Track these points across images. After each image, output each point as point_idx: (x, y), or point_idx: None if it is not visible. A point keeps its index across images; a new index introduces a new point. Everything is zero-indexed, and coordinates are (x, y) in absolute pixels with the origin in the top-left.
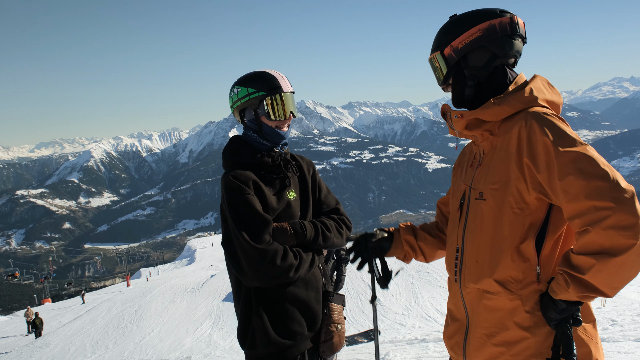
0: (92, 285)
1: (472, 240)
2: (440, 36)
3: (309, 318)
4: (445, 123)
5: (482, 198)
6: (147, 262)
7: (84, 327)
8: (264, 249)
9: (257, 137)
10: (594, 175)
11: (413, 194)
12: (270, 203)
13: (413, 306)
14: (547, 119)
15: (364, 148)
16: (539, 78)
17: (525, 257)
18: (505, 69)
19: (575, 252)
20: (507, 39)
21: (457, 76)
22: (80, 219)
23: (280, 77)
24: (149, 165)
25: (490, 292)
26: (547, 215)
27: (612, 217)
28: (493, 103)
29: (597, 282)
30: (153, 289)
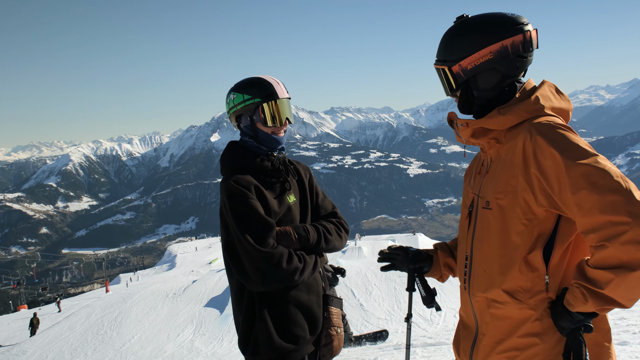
0: (70, 291)
1: (480, 249)
2: (447, 47)
3: (311, 322)
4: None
5: (489, 207)
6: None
7: (62, 334)
8: (270, 253)
9: (253, 143)
10: (608, 189)
11: (394, 199)
12: (272, 207)
13: (396, 311)
14: (552, 130)
15: (346, 153)
16: (547, 84)
17: (533, 267)
18: (514, 84)
19: (592, 266)
20: (519, 59)
21: (465, 92)
22: (58, 223)
23: (276, 83)
24: (129, 170)
25: (499, 301)
26: (556, 225)
27: (630, 232)
28: (498, 112)
29: (616, 296)
30: (133, 295)
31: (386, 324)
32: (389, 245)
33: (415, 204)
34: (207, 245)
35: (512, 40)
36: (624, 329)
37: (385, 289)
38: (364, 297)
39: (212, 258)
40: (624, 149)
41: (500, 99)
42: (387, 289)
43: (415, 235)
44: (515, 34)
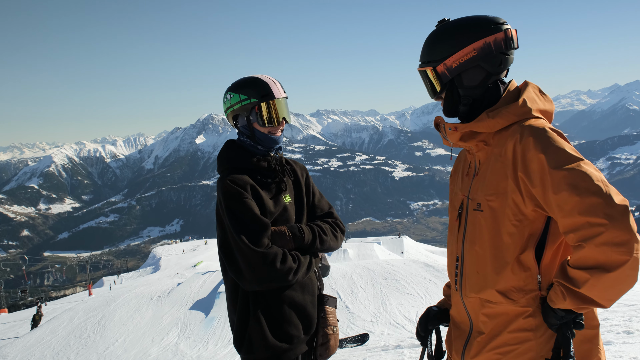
0: (52, 294)
1: (471, 250)
2: (431, 49)
3: (305, 321)
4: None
5: (480, 209)
6: (110, 271)
7: (44, 338)
8: (264, 253)
9: (251, 142)
10: (587, 191)
11: (380, 202)
12: (268, 207)
13: (381, 313)
14: (541, 133)
15: (332, 156)
16: (531, 86)
17: (526, 266)
18: (498, 83)
19: (571, 266)
20: (501, 56)
21: (451, 92)
22: (39, 226)
23: (273, 83)
24: (112, 171)
25: (492, 301)
26: (547, 225)
27: (606, 233)
28: (487, 116)
29: (593, 295)
30: (117, 298)
31: (372, 326)
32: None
33: (401, 206)
34: (192, 248)
35: (494, 38)
36: (607, 329)
37: (371, 292)
38: (350, 300)
39: (197, 261)
40: (605, 153)
41: (486, 97)
42: (372, 291)
43: (400, 238)
44: (497, 31)
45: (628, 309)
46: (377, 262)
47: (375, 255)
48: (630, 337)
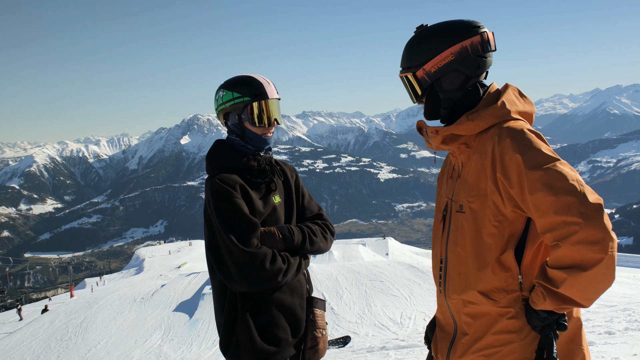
0: (32, 296)
1: (454, 252)
2: (410, 55)
3: (293, 324)
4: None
5: (462, 211)
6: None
7: (24, 341)
8: (253, 253)
9: (240, 142)
10: (563, 191)
11: (365, 203)
12: (257, 207)
13: (366, 314)
14: (519, 134)
15: (317, 157)
16: (511, 88)
17: (506, 267)
18: (477, 86)
19: (549, 266)
20: (479, 59)
21: (431, 96)
22: (20, 226)
23: (267, 82)
24: (96, 172)
25: (474, 302)
26: (527, 226)
27: (580, 232)
28: (467, 119)
29: (572, 295)
30: (100, 300)
31: (357, 328)
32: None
33: (386, 208)
34: (176, 249)
35: (470, 41)
36: (589, 329)
37: (356, 293)
38: (335, 301)
39: (181, 262)
40: (586, 156)
41: (466, 100)
42: (357, 293)
43: (385, 240)
44: (473, 35)
45: (609, 310)
46: (362, 264)
47: (360, 256)
48: (612, 338)
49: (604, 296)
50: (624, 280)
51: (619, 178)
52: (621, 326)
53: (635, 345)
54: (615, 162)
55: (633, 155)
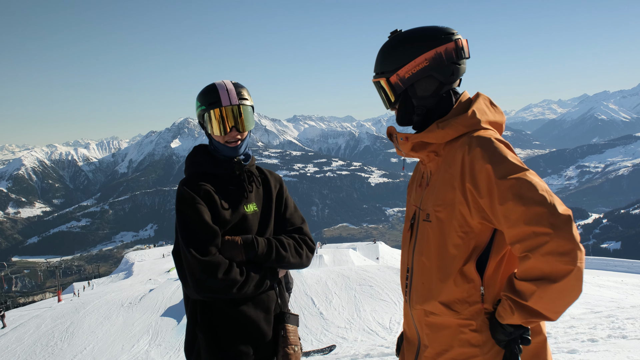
0: (20, 300)
1: (419, 261)
2: (384, 60)
3: (256, 338)
4: (392, 143)
5: (429, 220)
6: (81, 276)
7: (9, 346)
8: (206, 261)
9: (213, 148)
10: (533, 201)
11: (356, 207)
12: (222, 215)
13: (355, 320)
14: (488, 144)
15: (308, 161)
16: (482, 98)
17: (469, 278)
18: (451, 93)
19: (518, 278)
20: (453, 66)
21: (405, 102)
22: (7, 230)
23: (224, 89)
24: (85, 175)
25: (435, 312)
26: (492, 238)
27: (550, 243)
28: (437, 127)
29: (540, 308)
30: (87, 304)
31: (346, 333)
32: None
33: (376, 212)
34: (167, 253)
35: (445, 48)
36: (573, 337)
37: (345, 298)
38: (324, 306)
39: (170, 266)
40: (575, 161)
41: (439, 107)
42: (347, 298)
43: (376, 244)
44: (447, 41)
45: (594, 316)
46: (352, 268)
47: (351, 261)
48: (595, 345)
49: (591, 300)
50: (612, 284)
51: (606, 183)
52: (604, 333)
53: (617, 353)
54: (603, 167)
55: (620, 161)
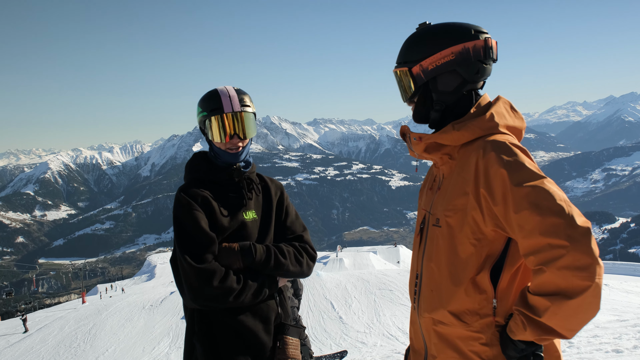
0: (46, 301)
1: (428, 267)
2: (409, 49)
3: (254, 349)
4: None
5: (438, 225)
6: (105, 278)
7: (34, 347)
8: (201, 269)
9: (213, 155)
10: (550, 211)
11: (376, 211)
12: (220, 222)
13: (375, 324)
14: (505, 149)
15: (329, 165)
16: (502, 101)
17: (481, 289)
18: (472, 94)
19: (531, 292)
20: (479, 64)
21: (424, 96)
22: (34, 232)
23: (226, 96)
24: (109, 178)
25: (444, 322)
26: (506, 247)
27: (567, 256)
28: (452, 128)
29: (554, 325)
30: (109, 306)
31: (365, 337)
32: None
33: (397, 215)
34: None
35: (473, 44)
36: (596, 347)
37: (365, 302)
38: (344, 310)
39: None
40: (601, 164)
41: (459, 106)
42: (366, 302)
43: (396, 247)
44: (477, 38)
45: (620, 325)
46: (372, 272)
47: (371, 264)
48: (619, 357)
49: (619, 307)
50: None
51: (634, 186)
52: (630, 344)
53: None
54: (630, 170)
55: None
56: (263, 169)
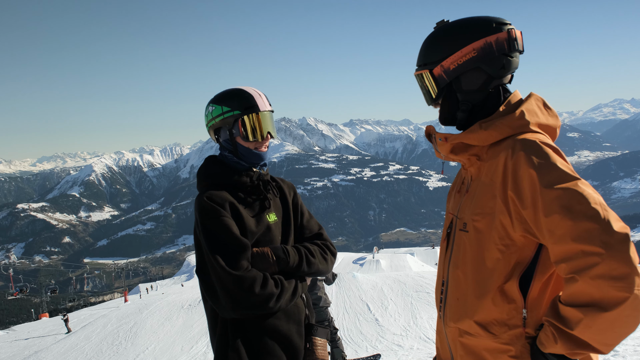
0: (91, 300)
1: (454, 274)
2: (428, 50)
3: (289, 353)
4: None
5: (465, 230)
6: (146, 277)
7: (78, 344)
8: (241, 276)
9: (233, 158)
10: (583, 215)
11: (414, 212)
12: (249, 226)
13: (412, 327)
14: (536, 148)
15: (365, 165)
16: (534, 98)
17: (510, 298)
18: (500, 90)
19: (562, 302)
20: (504, 58)
21: (448, 97)
22: (80, 233)
23: (257, 95)
24: (150, 180)
25: (470, 333)
26: (537, 253)
27: (601, 264)
28: (480, 127)
29: (588, 338)
30: (149, 305)
31: (402, 340)
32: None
33: (435, 217)
34: None
35: (496, 37)
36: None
37: (401, 304)
38: (380, 312)
39: None
40: None
41: (487, 104)
42: (403, 304)
43: (434, 249)
44: (499, 31)
45: None
46: (408, 274)
47: (408, 266)
48: None
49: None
50: None
51: None
52: None
53: None
54: None
55: None
56: (299, 170)
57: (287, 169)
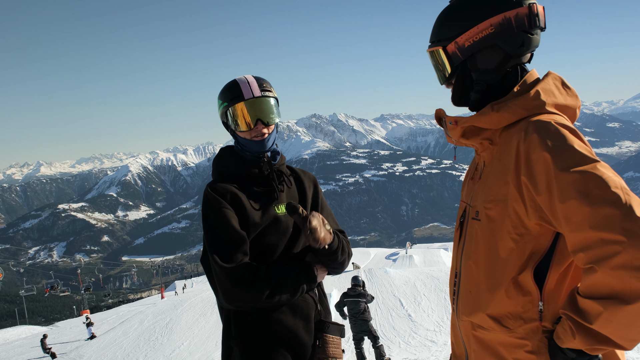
0: (130, 296)
1: (467, 266)
2: (442, 25)
3: (295, 349)
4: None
5: (478, 218)
6: (182, 275)
7: (117, 340)
8: (230, 269)
9: (240, 148)
10: (602, 201)
11: (447, 207)
12: (252, 218)
13: (445, 323)
14: (551, 129)
15: (397, 160)
16: (552, 77)
17: (525, 290)
18: (518, 69)
19: (581, 294)
20: (524, 35)
21: (462, 76)
22: (118, 232)
23: (245, 83)
24: (184, 179)
25: (484, 327)
26: (554, 243)
27: (623, 254)
28: (492, 109)
29: (609, 333)
30: (184, 302)
31: (435, 336)
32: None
33: None
34: None
35: (515, 12)
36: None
37: (434, 300)
38: (413, 308)
39: None
40: None
41: (503, 84)
42: (436, 300)
43: None
44: (519, 6)
45: None
46: (442, 269)
47: (442, 261)
48: None
49: None
50: None
51: None
52: None
53: None
54: None
55: None
56: (331, 166)
57: (319, 165)
